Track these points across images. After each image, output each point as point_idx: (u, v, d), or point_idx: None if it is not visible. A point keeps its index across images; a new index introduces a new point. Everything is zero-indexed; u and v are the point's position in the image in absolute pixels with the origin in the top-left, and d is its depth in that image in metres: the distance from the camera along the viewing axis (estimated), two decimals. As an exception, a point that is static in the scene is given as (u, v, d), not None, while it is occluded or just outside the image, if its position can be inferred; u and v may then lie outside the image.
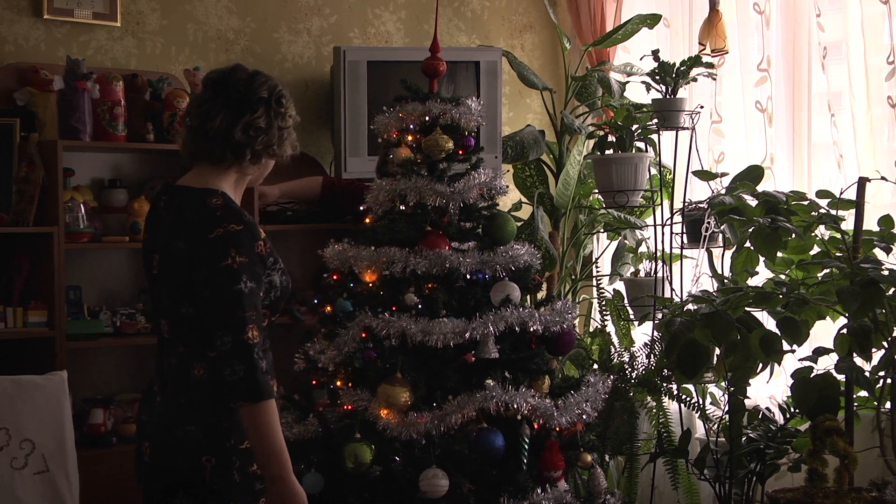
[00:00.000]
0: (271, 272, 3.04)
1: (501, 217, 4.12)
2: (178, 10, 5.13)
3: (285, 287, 3.11)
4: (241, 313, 2.90)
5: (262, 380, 2.89)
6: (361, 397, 3.89)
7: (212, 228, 2.95)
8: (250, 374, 2.88)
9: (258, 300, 2.96)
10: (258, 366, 2.89)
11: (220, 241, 2.93)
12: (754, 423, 4.63)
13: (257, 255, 2.97)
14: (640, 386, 4.86)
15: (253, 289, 2.93)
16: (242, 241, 2.94)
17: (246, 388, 2.88)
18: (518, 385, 3.85)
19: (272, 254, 3.05)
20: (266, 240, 3.04)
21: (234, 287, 2.90)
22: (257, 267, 2.97)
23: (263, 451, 2.92)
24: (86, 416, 4.57)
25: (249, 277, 2.92)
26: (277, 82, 3.15)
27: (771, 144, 5.30)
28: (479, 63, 5.30)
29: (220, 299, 2.91)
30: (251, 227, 2.99)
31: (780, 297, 4.21)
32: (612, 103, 5.50)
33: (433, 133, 4.07)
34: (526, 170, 5.72)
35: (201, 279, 2.94)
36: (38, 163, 4.45)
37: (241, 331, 2.89)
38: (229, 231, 2.94)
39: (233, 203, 3.03)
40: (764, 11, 5.32)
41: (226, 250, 2.92)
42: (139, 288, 4.86)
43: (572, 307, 4.10)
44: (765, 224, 4.22)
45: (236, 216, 2.97)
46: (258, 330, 2.91)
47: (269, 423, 2.91)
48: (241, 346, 2.88)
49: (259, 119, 3.05)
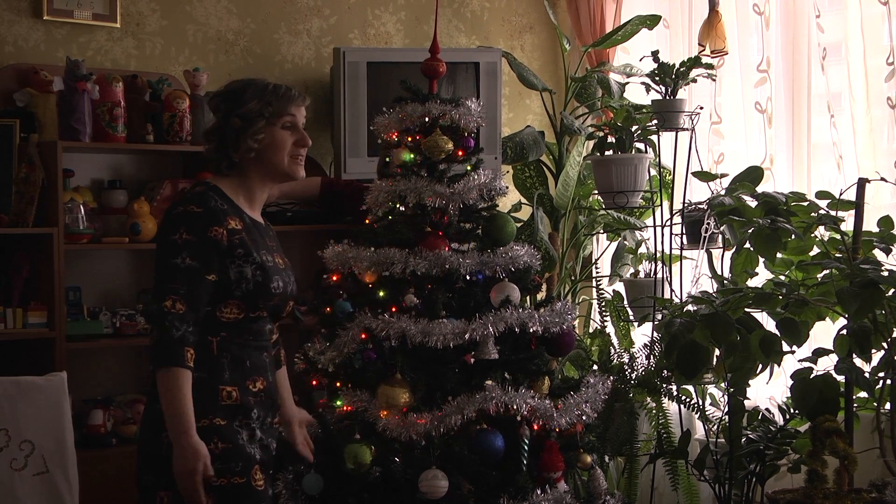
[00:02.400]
0: (242, 264, 3.18)
1: (501, 218, 4.11)
2: (178, 11, 5.13)
3: (261, 283, 3.20)
4: (168, 284, 3.10)
5: (172, 348, 3.05)
6: (361, 398, 3.88)
7: (175, 207, 3.21)
8: (160, 340, 3.06)
9: (197, 278, 3.12)
10: (170, 334, 3.05)
11: (174, 218, 3.17)
12: (754, 423, 4.62)
13: (209, 239, 3.14)
14: (640, 387, 4.85)
15: (192, 267, 3.11)
16: (195, 222, 3.14)
17: (155, 353, 3.09)
18: (518, 386, 3.83)
19: (243, 246, 3.19)
20: (237, 231, 3.20)
21: (171, 260, 3.11)
22: (206, 249, 3.13)
23: (167, 413, 3.06)
24: (86, 416, 4.58)
25: (191, 256, 3.11)
26: (248, 82, 3.32)
27: (770, 145, 5.29)
28: (478, 64, 5.30)
29: (159, 268, 3.14)
30: (213, 212, 3.17)
31: (780, 298, 4.20)
32: (612, 104, 5.49)
33: (433, 134, 4.05)
34: (526, 171, 5.72)
35: (156, 252, 3.19)
36: (38, 164, 4.45)
37: (163, 299, 3.08)
38: (187, 211, 3.16)
39: (210, 192, 3.22)
40: (763, 12, 5.32)
41: (176, 227, 3.15)
42: (139, 289, 4.88)
43: (572, 308, 4.09)
44: (764, 225, 4.22)
45: (199, 200, 3.18)
46: (183, 303, 3.08)
47: (173, 388, 3.05)
48: (159, 312, 3.08)
49: (213, 125, 3.30)
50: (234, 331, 3.23)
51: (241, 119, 3.25)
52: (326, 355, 3.97)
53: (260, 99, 3.27)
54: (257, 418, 3.26)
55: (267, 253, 3.27)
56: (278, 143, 3.29)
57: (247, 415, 3.23)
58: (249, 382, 3.25)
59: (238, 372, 3.23)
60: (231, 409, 3.19)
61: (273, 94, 3.28)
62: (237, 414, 3.21)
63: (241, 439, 3.20)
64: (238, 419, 3.21)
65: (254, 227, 3.29)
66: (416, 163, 4.07)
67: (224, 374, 3.20)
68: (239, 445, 3.19)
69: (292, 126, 3.32)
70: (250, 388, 3.25)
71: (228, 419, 3.18)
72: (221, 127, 3.28)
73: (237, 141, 3.25)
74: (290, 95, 3.32)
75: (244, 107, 3.25)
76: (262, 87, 3.30)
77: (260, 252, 3.23)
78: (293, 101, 3.32)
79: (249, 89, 3.29)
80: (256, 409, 3.25)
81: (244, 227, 3.22)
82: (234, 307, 3.21)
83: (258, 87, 3.30)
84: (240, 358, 3.24)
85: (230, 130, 3.26)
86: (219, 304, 3.19)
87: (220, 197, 3.23)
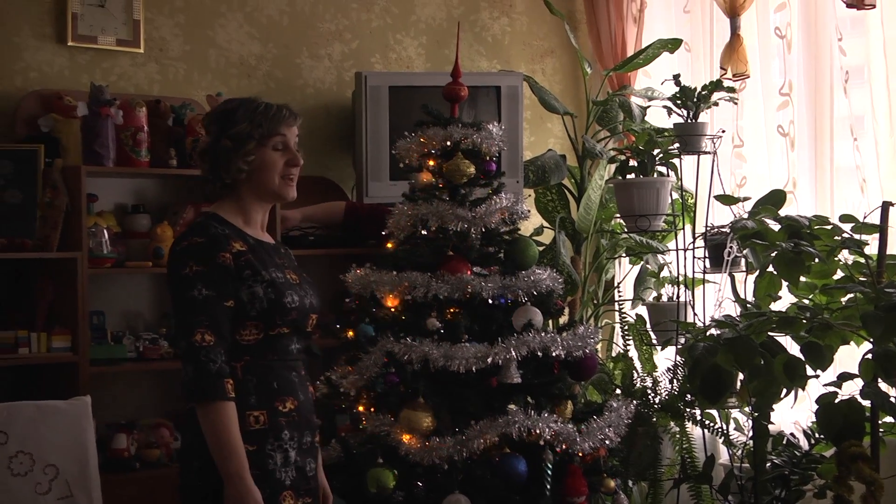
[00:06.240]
0: (252, 284, 3.16)
1: (523, 242, 4.13)
2: (201, 36, 5.15)
3: (274, 300, 3.18)
4: (191, 318, 3.08)
5: (211, 382, 3.03)
6: (384, 422, 3.90)
7: (179, 242, 3.20)
8: (198, 376, 3.04)
9: (217, 307, 3.11)
10: (207, 368, 3.04)
11: (181, 253, 3.15)
12: (779, 448, 4.59)
13: (219, 266, 3.13)
14: (664, 411, 4.83)
15: (210, 296, 3.10)
16: (201, 253, 3.13)
17: (194, 389, 3.05)
18: (541, 410, 3.86)
19: (250, 266, 3.18)
20: (243, 253, 3.18)
21: (187, 294, 3.10)
22: (218, 276, 3.12)
23: (216, 450, 3.05)
24: (109, 440, 4.56)
25: (206, 285, 3.10)
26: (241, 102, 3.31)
27: (793, 169, 5.25)
28: (500, 88, 5.29)
29: (178, 306, 3.14)
30: (216, 239, 3.16)
31: (804, 321, 4.16)
32: (634, 128, 5.49)
33: (454, 158, 4.09)
34: (547, 194, 5.72)
35: (169, 289, 3.18)
36: (62, 189, 4.46)
37: (190, 334, 3.06)
38: (191, 243, 3.15)
39: (210, 221, 3.21)
40: (785, 36, 5.29)
41: (185, 261, 3.13)
42: (162, 313, 4.87)
43: (595, 332, 4.12)
44: (788, 248, 4.19)
45: (200, 231, 3.17)
46: (211, 334, 3.07)
47: (219, 423, 3.04)
48: (190, 348, 3.06)
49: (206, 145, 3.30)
50: (257, 353, 3.20)
51: (232, 140, 3.23)
52: (349, 379, 4.01)
53: (251, 120, 3.23)
54: (290, 439, 3.22)
55: (276, 270, 3.24)
56: (269, 165, 3.26)
57: (277, 437, 3.19)
58: (278, 403, 3.21)
59: (265, 394, 3.19)
60: (260, 434, 3.16)
61: (263, 115, 3.25)
62: (267, 437, 3.17)
63: (272, 464, 3.17)
64: (269, 443, 3.17)
65: (259, 246, 3.27)
66: (437, 186, 4.09)
67: (250, 399, 3.16)
68: (268, 471, 3.15)
69: (283, 146, 3.28)
70: (279, 408, 3.20)
71: (258, 444, 3.15)
72: (213, 148, 3.26)
73: (228, 162, 3.23)
74: (281, 115, 3.28)
75: (235, 127, 3.23)
76: (254, 108, 3.26)
77: (268, 269, 3.21)
78: (284, 120, 3.28)
79: (240, 110, 3.26)
80: (287, 430, 3.21)
81: (248, 248, 3.21)
82: (253, 328, 3.18)
83: (249, 108, 3.26)
84: (266, 380, 3.20)
85: (221, 151, 3.24)
86: (238, 329, 3.17)
87: (220, 223, 3.22)
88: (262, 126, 3.24)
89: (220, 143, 3.24)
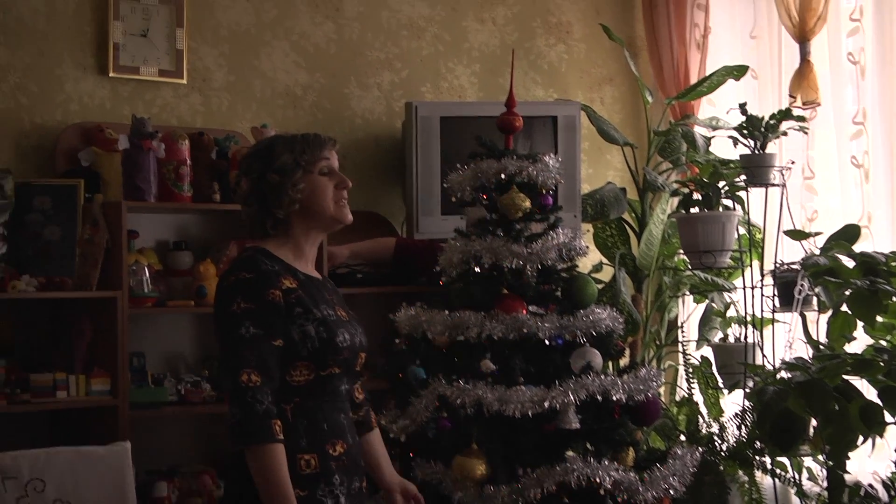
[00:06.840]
0: (303, 322, 3.15)
1: (581, 279, 4.16)
2: (245, 65, 5.15)
3: (326, 339, 3.17)
4: (238, 357, 3.06)
5: (257, 424, 3.01)
6: (436, 469, 3.94)
7: (226, 277, 3.19)
8: (245, 418, 3.02)
9: (265, 346, 3.08)
10: (254, 409, 3.01)
11: (229, 289, 3.14)
12: (856, 500, 4.48)
13: (268, 303, 3.11)
14: (731, 459, 4.76)
15: (257, 335, 3.07)
16: (250, 289, 3.12)
17: (241, 432, 3.03)
18: (600, 457, 3.83)
19: (301, 304, 3.17)
20: (294, 290, 3.17)
21: (235, 332, 3.08)
22: (267, 314, 3.10)
23: (265, 494, 3.03)
24: (150, 488, 4.50)
25: (253, 323, 3.08)
26: (274, 138, 3.37)
27: (868, 202, 5.18)
28: (556, 118, 5.27)
29: (224, 344, 3.13)
30: (265, 275, 3.15)
31: (882, 364, 4.09)
32: (698, 159, 5.47)
33: (509, 191, 4.12)
34: (607, 229, 5.69)
35: (215, 326, 3.18)
36: (103, 225, 4.43)
37: (237, 374, 3.04)
38: (239, 278, 3.14)
39: (259, 255, 3.20)
40: (858, 61, 5.23)
41: (233, 297, 3.12)
42: (205, 354, 4.84)
43: (657, 374, 4.12)
44: (863, 286, 4.15)
45: (249, 265, 3.17)
46: (258, 374, 3.04)
47: (268, 466, 3.02)
48: (237, 389, 3.04)
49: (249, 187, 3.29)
50: (308, 394, 3.18)
51: (279, 173, 3.25)
52: (398, 424, 4.02)
53: (291, 150, 3.27)
54: (340, 484, 3.19)
55: (327, 307, 3.24)
56: (320, 190, 3.28)
57: (328, 482, 3.16)
58: (329, 446, 3.18)
59: (316, 437, 3.17)
60: (311, 479, 3.14)
61: (304, 143, 3.29)
62: (318, 482, 3.15)
63: None
64: (320, 488, 3.15)
65: (309, 282, 3.27)
66: (492, 221, 4.15)
67: (301, 442, 3.14)
68: None
69: (329, 171, 3.32)
70: (330, 452, 3.18)
71: (310, 489, 3.12)
72: (258, 187, 3.27)
73: (279, 196, 3.24)
74: (320, 141, 3.33)
75: (278, 160, 3.25)
76: (291, 139, 3.31)
77: (320, 307, 3.21)
78: (324, 145, 3.32)
79: (277, 144, 3.30)
80: (338, 474, 3.18)
81: (299, 285, 3.21)
82: (304, 368, 3.16)
83: (286, 140, 3.31)
84: (316, 422, 3.19)
85: (269, 188, 3.25)
86: (288, 369, 3.15)
87: (269, 258, 3.22)
88: (305, 153, 3.28)
89: (267, 179, 3.26)
